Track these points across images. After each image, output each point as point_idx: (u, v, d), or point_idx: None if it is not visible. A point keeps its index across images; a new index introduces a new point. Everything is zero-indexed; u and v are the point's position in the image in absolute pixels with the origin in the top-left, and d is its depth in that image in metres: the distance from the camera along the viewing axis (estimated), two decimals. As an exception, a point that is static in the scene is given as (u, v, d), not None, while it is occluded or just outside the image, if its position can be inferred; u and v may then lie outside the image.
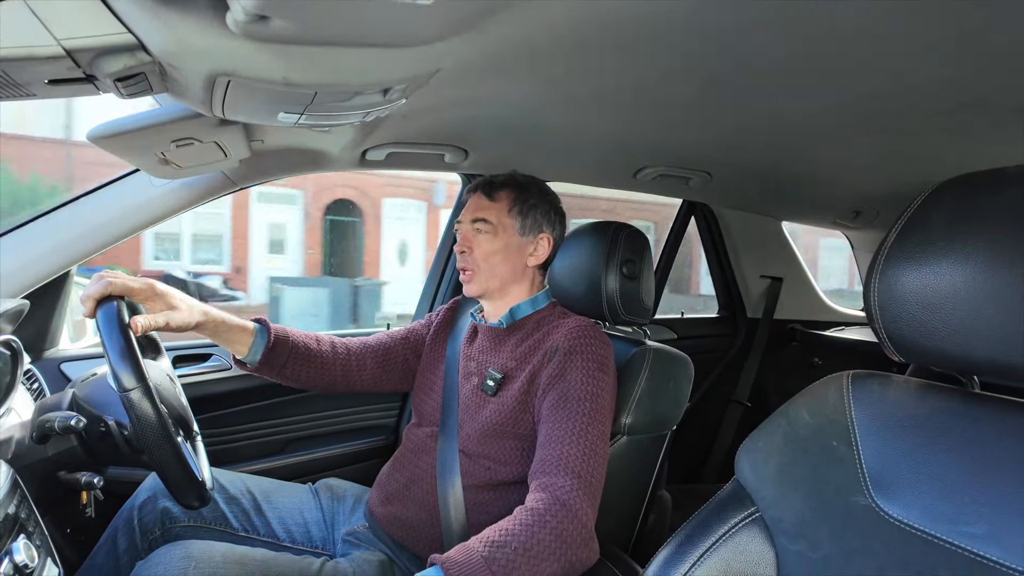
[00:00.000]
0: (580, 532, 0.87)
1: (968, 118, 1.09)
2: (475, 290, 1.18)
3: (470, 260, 1.17)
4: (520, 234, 1.18)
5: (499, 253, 1.16)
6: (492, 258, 1.16)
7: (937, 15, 0.72)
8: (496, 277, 1.17)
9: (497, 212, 1.17)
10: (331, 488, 1.28)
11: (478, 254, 1.16)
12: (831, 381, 0.69)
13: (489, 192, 1.18)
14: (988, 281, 0.51)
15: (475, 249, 1.17)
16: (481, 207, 1.18)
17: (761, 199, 2.17)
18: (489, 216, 1.16)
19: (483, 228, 1.16)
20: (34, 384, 1.22)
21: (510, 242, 1.17)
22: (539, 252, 1.20)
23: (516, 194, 1.18)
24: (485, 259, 1.16)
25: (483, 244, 1.16)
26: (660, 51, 0.85)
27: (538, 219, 1.19)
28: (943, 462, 0.56)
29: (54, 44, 0.60)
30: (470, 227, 1.18)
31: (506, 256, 1.17)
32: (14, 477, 0.78)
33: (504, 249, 1.17)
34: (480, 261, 1.16)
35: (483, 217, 1.17)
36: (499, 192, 1.18)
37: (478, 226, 1.17)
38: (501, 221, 1.17)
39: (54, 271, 1.21)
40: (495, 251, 1.16)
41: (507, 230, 1.17)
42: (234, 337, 1.11)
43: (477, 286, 1.18)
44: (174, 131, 0.95)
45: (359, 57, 0.71)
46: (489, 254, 1.16)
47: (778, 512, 0.66)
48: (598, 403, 1.00)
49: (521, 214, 1.18)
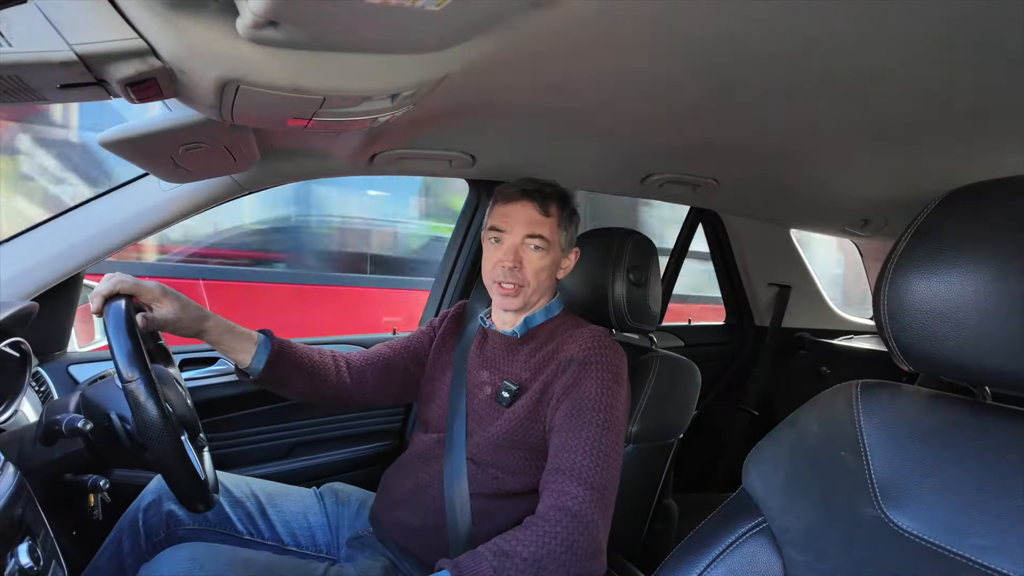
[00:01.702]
0: (590, 544, 0.87)
1: (980, 125, 1.08)
2: (518, 304, 1.13)
3: (519, 276, 1.10)
4: (563, 249, 1.15)
5: (548, 269, 1.12)
6: (541, 274, 1.12)
7: (948, 21, 0.71)
8: (537, 293, 1.14)
9: (551, 228, 1.11)
10: (336, 492, 1.28)
11: (529, 271, 1.11)
12: (840, 390, 0.68)
13: (544, 206, 1.11)
14: (999, 290, 0.50)
15: (526, 265, 1.11)
16: (536, 222, 1.10)
17: (769, 206, 2.16)
18: (544, 232, 1.10)
19: (538, 245, 1.10)
20: (42, 386, 1.23)
21: (556, 258, 1.14)
22: (568, 265, 1.18)
23: (563, 209, 1.14)
24: (535, 275, 1.11)
25: (535, 261, 1.11)
26: (668, 57, 0.85)
27: (574, 234, 1.17)
28: (953, 473, 0.56)
29: (67, 49, 0.61)
30: (521, 242, 1.11)
31: (551, 272, 1.13)
32: (21, 479, 0.78)
33: (552, 265, 1.13)
34: (531, 277, 1.11)
35: (540, 234, 1.10)
36: (552, 206, 1.12)
37: (534, 242, 1.10)
38: (553, 237, 1.12)
39: (63, 274, 1.22)
40: (545, 267, 1.11)
41: (555, 246, 1.12)
42: (237, 345, 1.10)
43: (520, 301, 1.12)
44: (184, 136, 0.96)
45: (368, 63, 0.71)
46: (540, 271, 1.11)
47: (786, 522, 0.65)
48: (612, 414, 0.99)
49: (565, 229, 1.14)
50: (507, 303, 1.13)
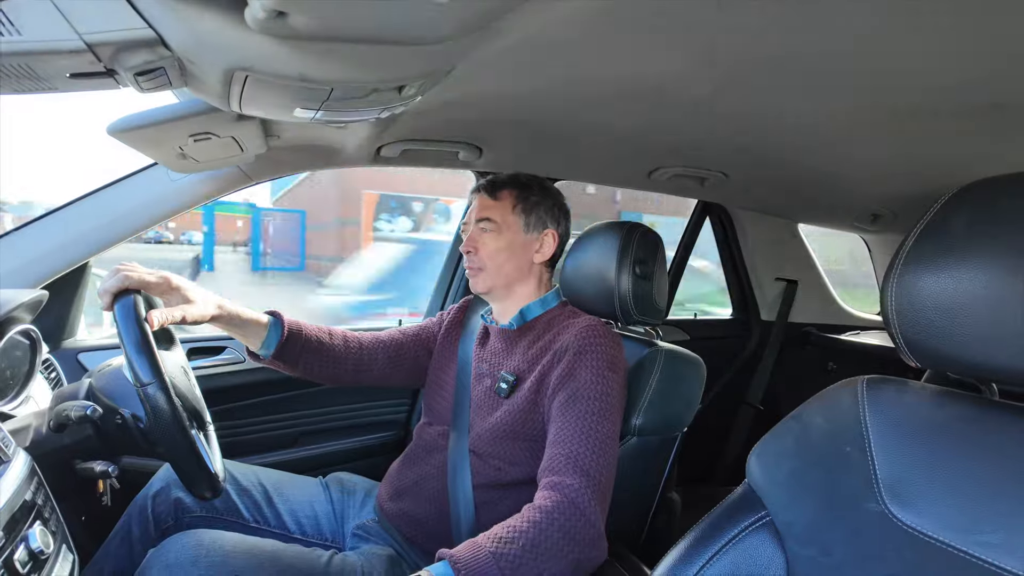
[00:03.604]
0: (589, 531, 0.87)
1: (991, 120, 1.07)
2: (482, 287, 1.19)
3: (476, 259, 1.18)
4: (524, 231, 1.19)
5: (504, 251, 1.17)
6: (497, 256, 1.17)
7: (959, 14, 0.70)
8: (502, 275, 1.18)
9: (501, 211, 1.18)
10: (341, 482, 1.29)
11: (483, 253, 1.18)
12: (846, 386, 0.68)
13: (492, 192, 1.20)
14: (1008, 287, 0.50)
15: (480, 248, 1.18)
16: (485, 206, 1.19)
17: (777, 201, 2.15)
18: (493, 215, 1.18)
19: (488, 227, 1.18)
20: (52, 373, 1.24)
21: (514, 240, 1.18)
22: (545, 248, 1.20)
23: (519, 192, 1.20)
24: (491, 257, 1.17)
25: (488, 243, 1.17)
26: (677, 49, 0.84)
27: (542, 216, 1.20)
28: (959, 470, 0.56)
29: (76, 38, 0.61)
30: (475, 227, 1.20)
31: (511, 254, 1.18)
32: (32, 464, 0.79)
33: (509, 247, 1.17)
34: (486, 259, 1.17)
35: (487, 216, 1.18)
36: (502, 191, 1.20)
37: (483, 225, 1.18)
38: (505, 219, 1.18)
39: (73, 262, 1.23)
40: (500, 249, 1.17)
41: (511, 228, 1.18)
42: (248, 330, 1.12)
43: (483, 284, 1.19)
44: (192, 126, 0.96)
45: (375, 54, 0.71)
46: (494, 252, 1.17)
47: (789, 517, 0.65)
48: (608, 402, 0.99)
49: (524, 211, 1.19)
50: (472, 285, 1.22)
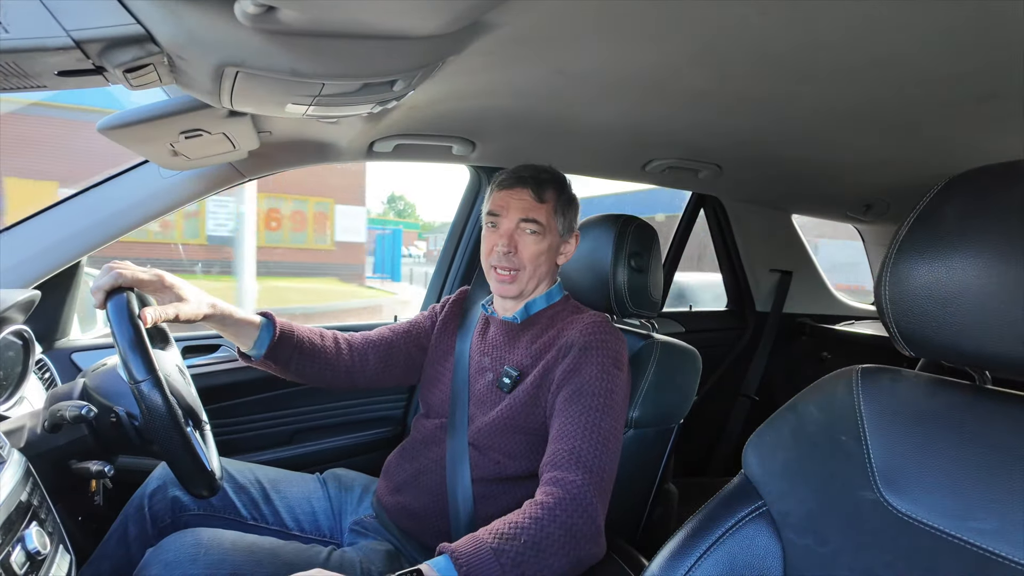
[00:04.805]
0: (589, 527, 0.87)
1: (982, 110, 1.07)
2: (515, 291, 1.14)
3: (516, 260, 1.12)
4: (560, 234, 1.15)
5: (545, 254, 1.13)
6: (538, 259, 1.12)
7: (949, 6, 0.71)
8: (535, 278, 1.14)
9: (546, 213, 1.12)
10: (338, 478, 1.29)
11: (525, 255, 1.12)
12: (840, 376, 0.69)
13: (539, 192, 1.12)
14: (1001, 276, 0.50)
15: (522, 250, 1.12)
16: (530, 207, 1.11)
17: (771, 192, 2.15)
18: (539, 217, 1.11)
19: (534, 229, 1.11)
20: (46, 373, 1.23)
21: (554, 243, 1.14)
22: (569, 250, 1.18)
23: (560, 194, 1.14)
24: (532, 260, 1.12)
25: (531, 245, 1.11)
26: (671, 41, 0.84)
27: (572, 218, 1.17)
28: (953, 458, 0.56)
29: (64, 35, 0.60)
30: (516, 226, 1.12)
31: (548, 256, 1.14)
32: (27, 465, 0.79)
33: (549, 250, 1.14)
34: (527, 262, 1.12)
35: (534, 218, 1.11)
36: (548, 191, 1.13)
37: (529, 227, 1.11)
38: (549, 222, 1.12)
39: (65, 262, 1.22)
40: (542, 252, 1.12)
41: (552, 231, 1.13)
42: (240, 330, 1.11)
43: (518, 286, 1.13)
44: (183, 122, 0.95)
45: (366, 48, 0.70)
46: (536, 255, 1.12)
47: (785, 506, 0.65)
48: (611, 399, 0.99)
49: (563, 214, 1.15)
50: (503, 290, 1.14)
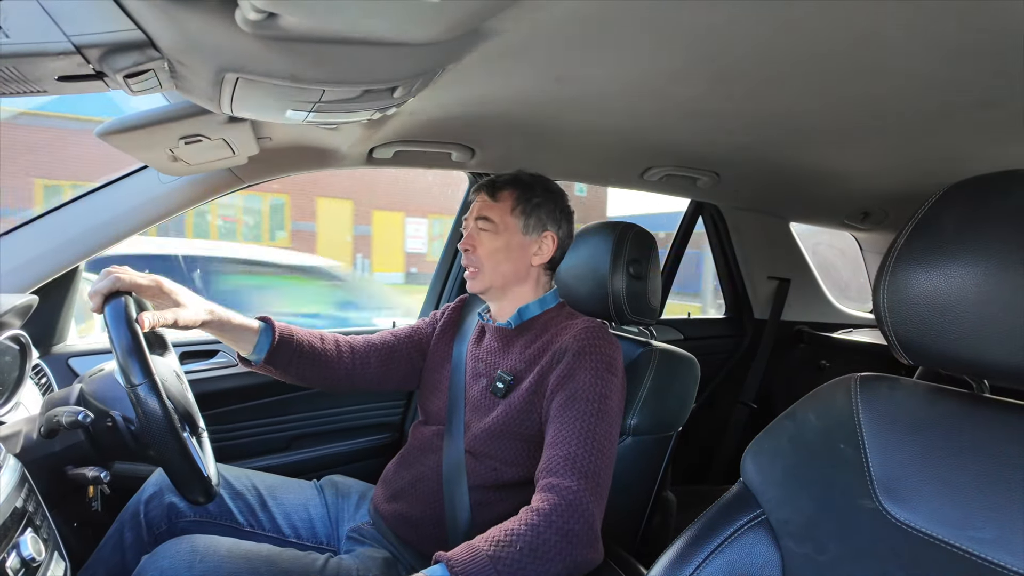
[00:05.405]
0: (586, 533, 0.87)
1: (981, 118, 1.07)
2: (478, 287, 1.19)
3: (473, 258, 1.18)
4: (523, 233, 1.18)
5: (501, 251, 1.17)
6: (495, 256, 1.16)
7: (948, 13, 0.71)
8: (499, 275, 1.17)
9: (500, 211, 1.17)
10: (336, 485, 1.28)
11: (481, 252, 1.17)
12: (839, 384, 0.69)
13: (492, 192, 1.19)
14: (999, 284, 0.50)
15: (478, 247, 1.17)
16: (485, 206, 1.18)
17: (769, 199, 2.16)
18: (492, 215, 1.17)
19: (486, 227, 1.17)
20: (42, 379, 1.23)
21: (512, 241, 1.17)
22: (543, 251, 1.19)
23: (519, 193, 1.19)
24: (488, 257, 1.17)
25: (485, 242, 1.17)
26: (668, 49, 0.84)
27: (542, 218, 1.19)
28: (951, 466, 0.56)
29: (64, 40, 0.61)
30: (474, 225, 1.19)
31: (508, 254, 1.17)
32: (22, 471, 0.78)
33: (506, 247, 1.17)
34: (483, 259, 1.17)
35: (486, 216, 1.17)
36: (502, 192, 1.19)
37: (481, 225, 1.17)
38: (504, 220, 1.17)
39: (62, 267, 1.22)
40: (497, 249, 1.16)
41: (509, 229, 1.17)
42: (239, 335, 1.11)
43: (480, 283, 1.18)
44: (183, 128, 0.95)
45: (367, 55, 0.71)
46: (491, 252, 1.16)
47: (784, 514, 0.65)
48: (606, 404, 1.00)
49: (524, 213, 1.18)
50: (470, 285, 1.21)
